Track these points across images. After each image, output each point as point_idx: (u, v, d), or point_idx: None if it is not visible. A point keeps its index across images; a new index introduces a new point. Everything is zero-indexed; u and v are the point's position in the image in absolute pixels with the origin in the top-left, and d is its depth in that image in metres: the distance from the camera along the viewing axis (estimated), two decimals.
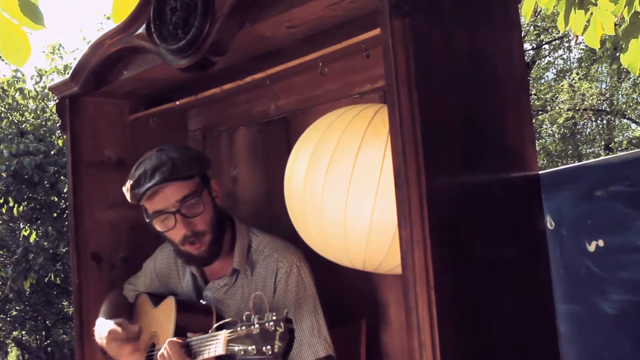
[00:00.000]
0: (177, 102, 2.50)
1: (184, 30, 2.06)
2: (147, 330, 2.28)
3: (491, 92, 1.84)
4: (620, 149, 14.83)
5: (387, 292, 2.25)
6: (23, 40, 2.14)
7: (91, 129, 2.59)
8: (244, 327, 1.72)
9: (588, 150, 16.39)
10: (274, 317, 1.67)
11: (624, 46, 3.84)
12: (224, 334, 1.80)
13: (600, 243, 1.82)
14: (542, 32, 12.36)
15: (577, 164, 2.06)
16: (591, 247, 1.84)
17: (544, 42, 12.26)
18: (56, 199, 10.60)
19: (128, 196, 2.14)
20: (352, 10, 1.93)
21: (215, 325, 1.93)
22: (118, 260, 2.59)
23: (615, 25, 3.80)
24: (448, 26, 1.73)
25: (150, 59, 2.31)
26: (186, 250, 2.12)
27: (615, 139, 15.54)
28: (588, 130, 15.09)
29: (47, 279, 10.37)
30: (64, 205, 10.84)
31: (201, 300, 2.24)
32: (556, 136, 14.46)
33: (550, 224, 1.93)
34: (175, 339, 1.98)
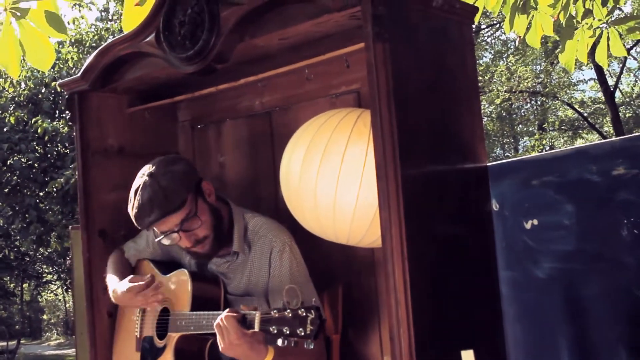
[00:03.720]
0: (176, 99, 2.86)
1: (191, 42, 2.42)
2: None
3: (451, 99, 2.27)
4: (552, 128, 15.62)
5: (359, 262, 2.66)
6: (47, 47, 2.47)
7: (96, 120, 2.91)
8: (276, 311, 2.02)
9: (523, 129, 17.14)
10: (305, 305, 1.98)
11: (560, 46, 4.31)
12: (257, 313, 2.08)
13: (535, 222, 2.28)
14: (482, 15, 12.90)
15: (517, 158, 2.50)
16: (528, 225, 2.30)
17: (482, 26, 12.81)
18: (9, 175, 10.73)
19: (135, 222, 2.44)
20: (335, 27, 2.32)
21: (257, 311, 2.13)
22: (120, 236, 2.92)
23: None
24: (418, 47, 2.14)
25: (153, 63, 2.65)
26: (193, 251, 2.47)
27: (549, 119, 16.31)
28: (523, 110, 15.80)
29: (1, 254, 10.51)
30: (15, 182, 10.96)
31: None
32: (493, 116, 15.10)
33: (495, 206, 2.38)
34: (229, 310, 2.18)
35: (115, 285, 2.61)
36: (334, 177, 2.14)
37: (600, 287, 2.15)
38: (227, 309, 2.19)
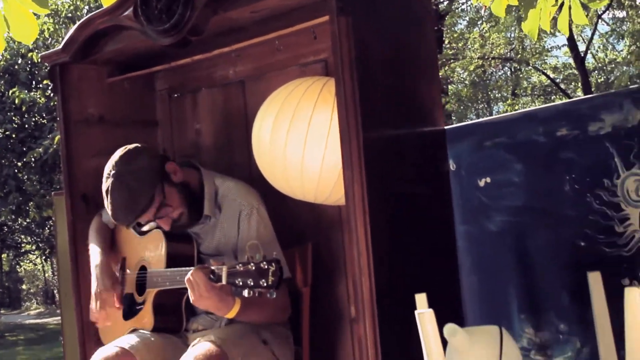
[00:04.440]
0: (153, 69, 3.01)
1: (167, 15, 2.57)
2: (135, 255, 2.78)
3: (411, 68, 2.45)
4: (524, 94, 15.87)
5: (327, 220, 2.84)
6: (31, 21, 2.59)
7: (77, 91, 3.05)
8: (241, 265, 2.21)
9: (497, 95, 17.36)
10: (267, 259, 2.18)
11: (523, 15, 4.48)
12: (224, 267, 2.26)
13: (488, 180, 2.49)
14: None
15: (471, 122, 2.71)
16: (481, 183, 2.50)
17: None
18: None
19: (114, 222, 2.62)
20: (303, 0, 2.48)
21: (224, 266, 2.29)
22: (102, 201, 3.08)
23: None
24: (379, 21, 2.32)
25: (131, 35, 2.79)
26: (174, 226, 2.61)
27: (522, 85, 16.55)
28: (496, 77, 16.02)
29: None
30: None
31: None
32: (467, 82, 15.29)
33: (452, 166, 2.58)
34: (200, 266, 2.35)
35: (94, 266, 2.78)
36: (301, 141, 2.32)
37: (546, 238, 2.37)
38: (198, 265, 2.37)
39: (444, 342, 1.86)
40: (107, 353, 2.49)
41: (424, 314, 1.72)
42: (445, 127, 2.58)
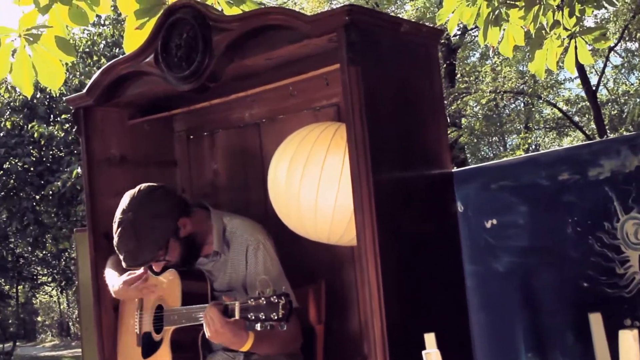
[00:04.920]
0: (172, 112, 3.14)
1: (187, 63, 2.69)
2: (151, 295, 2.89)
3: (418, 113, 2.56)
4: (537, 127, 15.97)
5: (340, 259, 2.94)
6: (58, 69, 2.74)
7: (100, 132, 3.18)
8: (252, 300, 2.33)
9: (510, 128, 17.44)
10: (277, 293, 2.28)
11: (530, 55, 4.60)
12: (237, 303, 2.38)
13: (494, 221, 2.59)
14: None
15: (478, 165, 2.81)
16: (488, 225, 2.60)
17: (467, 29, 13.12)
18: (6, 179, 10.98)
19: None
20: (315, 49, 2.60)
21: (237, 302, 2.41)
22: None
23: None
24: (387, 69, 2.44)
25: (152, 80, 2.92)
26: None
27: (535, 118, 16.62)
28: (508, 110, 16.12)
29: None
30: (11, 185, 11.21)
31: None
32: (479, 116, 15.39)
33: (460, 207, 2.68)
34: (214, 303, 2.48)
35: (114, 281, 2.91)
36: (315, 183, 2.44)
37: (550, 278, 2.45)
38: (212, 302, 2.49)
39: None
40: None
41: (431, 355, 1.80)
42: (453, 170, 2.68)
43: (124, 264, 2.69)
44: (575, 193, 2.36)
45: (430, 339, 1.98)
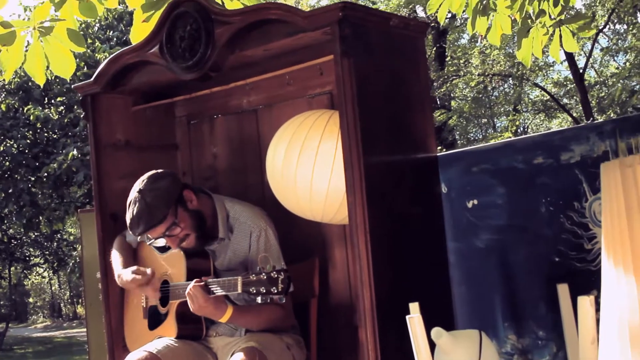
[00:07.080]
0: (174, 99, 3.32)
1: (190, 53, 2.88)
2: (157, 271, 3.09)
3: (406, 102, 2.77)
4: (525, 110, 16.19)
5: (332, 237, 3.14)
6: (69, 59, 2.91)
7: (106, 118, 3.36)
8: (254, 275, 2.52)
9: (500, 110, 17.63)
10: (276, 269, 2.49)
11: (517, 44, 4.78)
12: (239, 278, 2.57)
13: (475, 202, 2.80)
14: None
15: (460, 149, 3.02)
16: (469, 205, 2.82)
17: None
18: (1, 160, 11.10)
19: (129, 231, 2.91)
20: (310, 41, 2.79)
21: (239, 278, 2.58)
22: None
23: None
24: (378, 61, 2.64)
25: (156, 69, 3.10)
26: (181, 247, 2.90)
27: (524, 100, 16.80)
28: (497, 92, 16.32)
29: None
30: (7, 167, 11.33)
31: None
32: (468, 98, 15.58)
33: (444, 189, 2.89)
34: (196, 281, 2.66)
35: (120, 270, 3.07)
36: (310, 167, 2.65)
37: (526, 253, 2.67)
38: (194, 280, 2.69)
39: (433, 345, 2.16)
40: (136, 357, 2.77)
41: (414, 319, 2.01)
42: (437, 154, 2.89)
43: (138, 235, 2.87)
44: (549, 175, 2.57)
45: (414, 307, 2.19)
